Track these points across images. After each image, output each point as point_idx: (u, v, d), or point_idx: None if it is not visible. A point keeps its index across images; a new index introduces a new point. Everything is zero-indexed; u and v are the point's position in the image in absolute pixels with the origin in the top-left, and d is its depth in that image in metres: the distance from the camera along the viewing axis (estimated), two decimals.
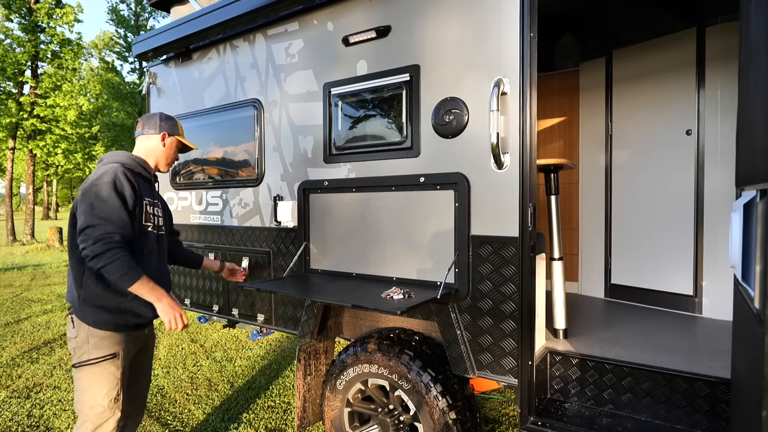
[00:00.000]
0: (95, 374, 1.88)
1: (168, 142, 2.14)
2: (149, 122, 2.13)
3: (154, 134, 2.11)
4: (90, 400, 1.88)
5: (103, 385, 1.89)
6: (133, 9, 25.26)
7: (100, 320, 1.88)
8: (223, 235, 3.06)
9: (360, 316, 2.75)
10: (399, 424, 2.29)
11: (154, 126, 2.12)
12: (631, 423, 1.90)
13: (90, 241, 1.72)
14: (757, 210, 0.90)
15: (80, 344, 1.87)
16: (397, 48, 2.23)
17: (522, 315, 1.88)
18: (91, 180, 1.84)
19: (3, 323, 5.71)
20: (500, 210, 1.93)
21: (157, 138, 2.12)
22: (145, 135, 2.12)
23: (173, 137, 2.16)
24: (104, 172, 1.85)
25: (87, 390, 1.88)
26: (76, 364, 1.88)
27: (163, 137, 2.13)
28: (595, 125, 3.61)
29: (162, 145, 2.12)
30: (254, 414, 3.25)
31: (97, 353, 1.88)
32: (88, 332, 1.87)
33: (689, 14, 3.02)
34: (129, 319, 1.95)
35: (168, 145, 2.15)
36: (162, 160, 2.15)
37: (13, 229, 17.11)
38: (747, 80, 1.13)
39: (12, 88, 15.89)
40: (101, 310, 1.88)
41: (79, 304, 1.88)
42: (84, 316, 1.87)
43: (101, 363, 1.88)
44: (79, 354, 1.88)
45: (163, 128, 2.12)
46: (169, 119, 2.17)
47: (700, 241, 2.99)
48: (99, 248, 1.72)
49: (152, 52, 3.25)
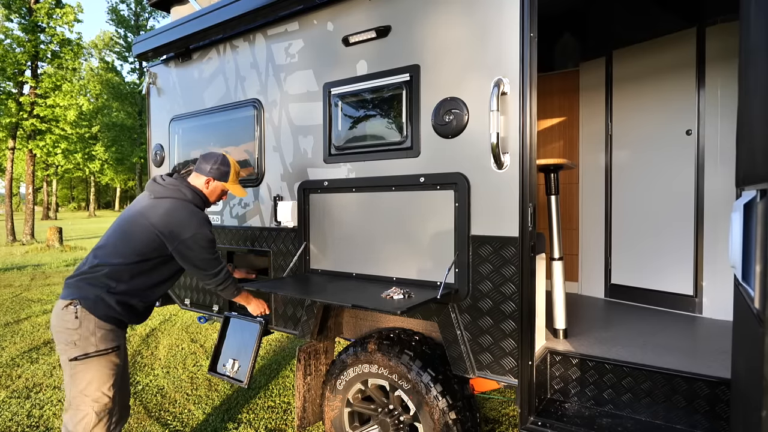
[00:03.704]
0: (100, 365, 1.95)
1: (212, 186, 2.29)
2: (204, 161, 2.28)
3: (202, 176, 2.27)
4: (95, 392, 1.93)
5: (108, 376, 1.97)
6: (133, 9, 25.27)
7: (109, 314, 1.98)
8: (223, 235, 3.06)
9: (360, 316, 2.75)
10: (399, 424, 2.29)
11: (205, 170, 2.27)
12: (631, 423, 1.90)
13: (212, 277, 2.20)
14: (757, 210, 0.90)
15: (85, 335, 1.92)
16: (397, 48, 2.23)
17: (522, 315, 1.88)
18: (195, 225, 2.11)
19: (3, 323, 5.71)
20: (500, 210, 1.93)
21: (203, 180, 2.27)
22: (196, 174, 2.29)
23: (219, 183, 2.29)
24: (201, 219, 2.15)
25: (92, 382, 1.93)
26: (79, 356, 1.92)
27: (208, 182, 2.27)
28: (595, 125, 3.61)
29: (206, 187, 2.28)
30: (254, 414, 3.25)
31: (105, 345, 1.96)
32: (95, 324, 1.94)
33: (689, 14, 3.02)
34: (132, 317, 2.11)
35: (212, 190, 2.30)
36: (207, 198, 2.32)
37: (13, 229, 17.10)
38: (747, 80, 1.13)
39: (12, 88, 15.88)
40: (117, 305, 2.00)
41: (97, 296, 1.96)
42: (95, 308, 1.95)
43: (108, 355, 1.97)
44: (83, 346, 1.92)
45: (212, 173, 2.26)
46: (224, 165, 2.29)
47: (700, 241, 2.99)
48: (220, 280, 2.22)
49: (152, 52, 3.25)
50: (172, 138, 3.39)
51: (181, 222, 2.09)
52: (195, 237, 2.10)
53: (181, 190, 2.18)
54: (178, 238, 2.08)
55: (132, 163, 23.13)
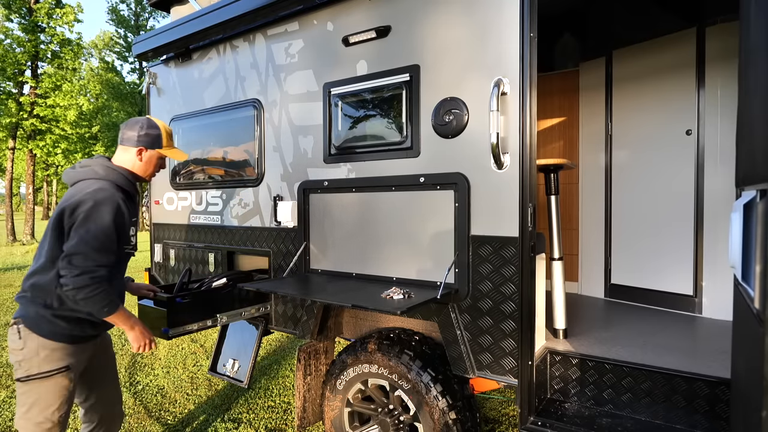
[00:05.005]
0: (46, 388, 1.77)
1: (146, 156, 1.99)
2: (129, 133, 1.96)
3: (131, 147, 1.96)
4: (38, 416, 1.76)
5: (54, 399, 1.78)
6: (133, 9, 25.26)
7: (56, 331, 1.78)
8: (223, 235, 3.06)
9: (360, 316, 2.75)
10: (399, 424, 2.29)
11: (132, 138, 1.96)
12: (630, 423, 1.90)
13: (76, 271, 1.67)
14: (757, 210, 0.90)
15: (28, 356, 1.75)
16: (397, 48, 2.23)
17: (522, 315, 1.88)
18: (91, 198, 1.74)
19: (3, 323, 5.71)
20: (500, 210, 1.93)
21: (134, 152, 1.96)
22: (123, 147, 1.97)
23: (153, 151, 2.00)
24: (105, 197, 1.76)
25: (35, 405, 1.76)
26: (22, 378, 1.76)
27: (140, 152, 1.97)
28: (595, 125, 3.61)
29: (139, 160, 1.97)
30: (254, 414, 3.25)
31: (49, 366, 1.77)
32: (38, 344, 1.76)
33: (689, 14, 3.02)
34: (86, 329, 1.86)
35: (146, 160, 1.99)
36: (140, 174, 2.00)
37: (13, 229, 17.12)
38: (747, 80, 1.13)
39: (12, 88, 15.90)
40: (60, 320, 1.78)
41: (38, 313, 1.77)
42: (38, 327, 1.76)
43: (53, 376, 1.78)
44: (26, 367, 1.76)
45: (141, 141, 1.96)
46: (152, 128, 1.99)
47: (700, 241, 2.99)
48: (82, 281, 1.67)
49: (152, 52, 3.25)
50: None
51: (82, 198, 1.74)
52: (88, 213, 1.71)
53: (94, 169, 1.86)
54: (72, 214, 1.72)
55: None
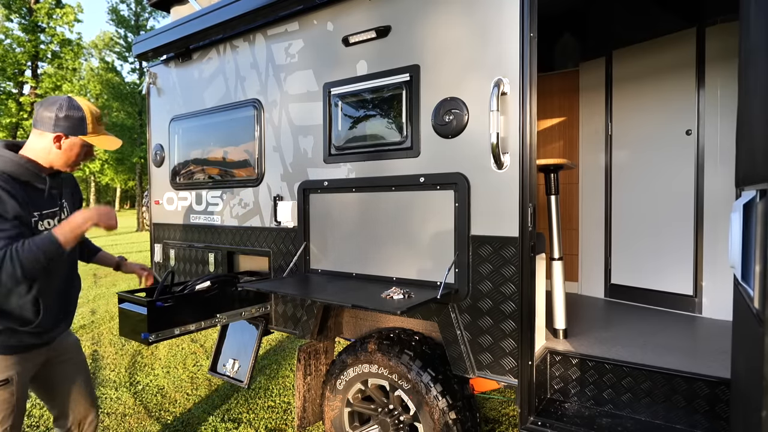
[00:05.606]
0: None
1: (66, 144, 1.68)
2: (44, 113, 1.66)
3: (46, 132, 1.66)
4: None
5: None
6: (133, 9, 25.24)
7: None
8: (223, 235, 3.06)
9: (360, 316, 2.75)
10: (399, 424, 2.29)
11: (48, 121, 1.65)
12: (630, 423, 1.90)
13: None
14: (757, 210, 0.90)
15: None
16: (397, 48, 2.23)
17: (522, 315, 1.88)
18: None
19: None
20: (500, 210, 1.93)
21: (50, 138, 1.66)
22: (37, 130, 1.67)
23: (75, 138, 1.69)
24: None
25: None
26: None
27: (58, 140, 1.66)
28: (595, 125, 3.61)
29: (56, 148, 1.67)
30: (254, 414, 3.26)
31: None
32: None
33: (689, 14, 3.02)
34: (24, 339, 1.70)
35: (66, 149, 1.69)
36: (59, 163, 1.72)
37: None
38: (747, 80, 1.13)
39: (12, 88, 15.91)
40: None
41: None
42: None
43: None
44: None
45: (59, 126, 1.65)
46: (73, 110, 1.68)
47: (700, 241, 2.99)
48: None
49: (152, 52, 3.25)
50: (172, 138, 3.40)
51: None
52: None
53: None
54: None
55: (132, 164, 23.11)
